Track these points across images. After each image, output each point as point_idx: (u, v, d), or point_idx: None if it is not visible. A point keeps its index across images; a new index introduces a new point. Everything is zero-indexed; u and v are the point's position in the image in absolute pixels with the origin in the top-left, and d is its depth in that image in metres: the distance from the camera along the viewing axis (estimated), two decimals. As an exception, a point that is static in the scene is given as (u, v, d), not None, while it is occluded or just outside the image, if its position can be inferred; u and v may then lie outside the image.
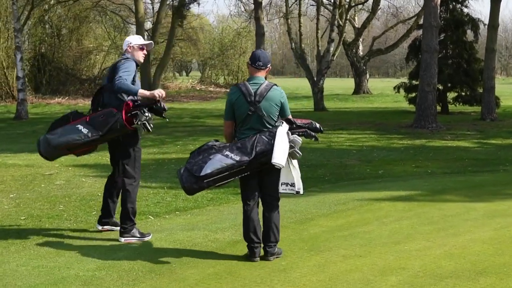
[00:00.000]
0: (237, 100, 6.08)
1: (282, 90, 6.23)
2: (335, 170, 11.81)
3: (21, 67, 24.24)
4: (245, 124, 6.11)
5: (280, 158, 5.88)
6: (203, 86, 49.17)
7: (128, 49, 7.09)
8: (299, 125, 6.28)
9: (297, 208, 8.41)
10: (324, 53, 27.11)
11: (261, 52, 6.28)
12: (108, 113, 6.65)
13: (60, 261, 6.06)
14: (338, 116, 24.53)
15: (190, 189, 5.96)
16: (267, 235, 6.20)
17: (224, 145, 6.06)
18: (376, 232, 7.12)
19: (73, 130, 6.67)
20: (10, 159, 13.21)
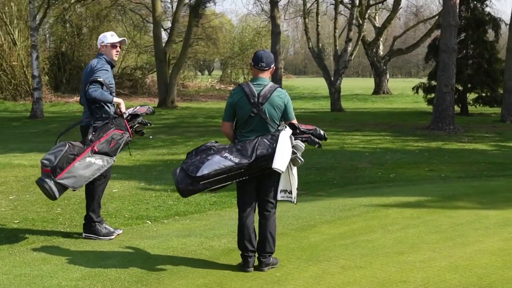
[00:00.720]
0: (239, 100, 5.79)
1: (286, 92, 5.95)
2: (344, 174, 11.47)
3: (36, 65, 24.18)
4: (246, 126, 5.82)
5: (281, 164, 5.58)
6: (222, 85, 49.09)
7: (101, 48, 6.99)
8: (303, 130, 5.98)
9: (300, 214, 8.11)
10: (342, 52, 26.72)
11: (264, 52, 5.98)
12: (116, 136, 6.66)
13: (44, 269, 5.82)
14: (355, 117, 24.14)
15: (184, 191, 5.65)
16: (262, 245, 5.91)
17: (223, 147, 5.77)
18: (380, 241, 6.80)
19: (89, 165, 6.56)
20: (17, 159, 13.05)
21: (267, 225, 5.91)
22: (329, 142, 15.90)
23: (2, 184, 10.32)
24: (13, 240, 6.83)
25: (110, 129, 6.69)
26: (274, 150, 5.60)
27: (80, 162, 6.49)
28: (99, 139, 6.63)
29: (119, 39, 7.08)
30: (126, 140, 6.81)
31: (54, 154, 6.50)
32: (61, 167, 6.41)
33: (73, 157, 6.48)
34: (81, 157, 6.51)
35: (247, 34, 51.56)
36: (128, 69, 43.15)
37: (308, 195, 9.62)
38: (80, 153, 6.53)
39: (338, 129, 19.42)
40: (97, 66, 6.85)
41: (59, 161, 6.41)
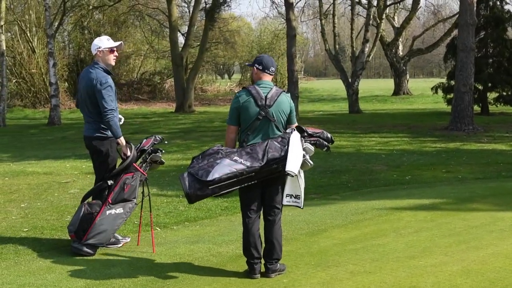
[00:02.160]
0: (245, 103, 5.69)
1: (290, 96, 5.91)
2: (359, 176, 11.32)
3: (54, 73, 24.28)
4: (252, 129, 5.72)
5: (294, 166, 5.47)
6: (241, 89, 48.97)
7: (98, 53, 6.80)
8: (311, 133, 5.88)
9: (312, 218, 8.00)
10: (359, 54, 26.54)
11: (270, 57, 5.92)
12: (128, 180, 6.67)
13: (49, 278, 5.75)
14: (373, 119, 23.97)
15: (193, 196, 5.49)
16: (269, 252, 5.80)
17: (231, 150, 5.66)
18: (391, 245, 6.66)
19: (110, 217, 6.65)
20: (31, 167, 13.06)
21: (272, 231, 5.80)
22: (345, 145, 15.80)
23: (15, 192, 10.32)
24: (20, 249, 6.77)
25: (120, 177, 6.66)
26: (286, 153, 5.49)
27: (101, 218, 6.54)
28: (112, 190, 6.62)
29: (117, 43, 6.91)
30: (140, 179, 6.77)
31: (74, 219, 6.64)
32: (84, 229, 6.50)
33: (91, 216, 6.54)
34: (100, 213, 6.55)
35: (265, 37, 51.52)
36: (147, 74, 43.31)
37: (321, 199, 9.50)
38: (99, 210, 6.57)
39: (355, 131, 19.27)
40: (101, 81, 6.61)
41: (80, 224, 6.53)
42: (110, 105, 6.61)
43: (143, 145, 6.87)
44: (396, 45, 38.38)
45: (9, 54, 33.30)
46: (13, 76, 33.77)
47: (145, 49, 43.18)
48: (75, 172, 12.06)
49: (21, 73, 33.58)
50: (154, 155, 6.89)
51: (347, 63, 38.53)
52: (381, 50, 40.96)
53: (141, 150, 6.85)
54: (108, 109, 6.60)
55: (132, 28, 43.36)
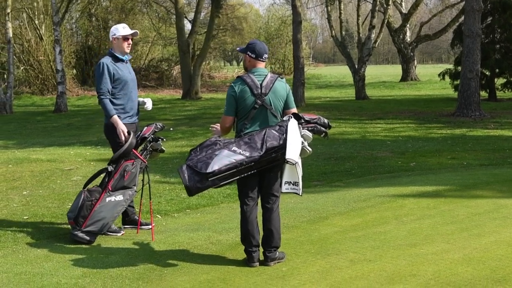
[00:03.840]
0: (241, 92, 5.62)
1: (285, 81, 5.82)
2: (364, 163, 11.26)
3: (60, 60, 24.27)
4: (249, 118, 5.65)
5: (293, 154, 5.39)
6: (248, 76, 48.82)
7: (113, 40, 6.96)
8: (307, 120, 5.80)
9: (313, 205, 7.95)
10: (365, 40, 26.38)
11: (262, 43, 5.82)
12: (127, 167, 6.68)
13: (46, 266, 5.73)
14: (379, 105, 23.85)
15: (192, 189, 5.42)
16: (267, 240, 5.75)
17: (229, 141, 5.59)
18: (392, 233, 6.60)
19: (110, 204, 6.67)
20: (35, 154, 13.04)
21: (270, 219, 5.75)
22: (350, 131, 15.73)
23: (17, 179, 10.31)
24: (19, 236, 6.76)
25: (120, 164, 6.64)
26: (285, 141, 5.43)
27: (101, 205, 6.52)
28: (112, 177, 6.58)
29: (131, 32, 6.99)
30: (141, 166, 6.75)
31: (74, 205, 6.61)
32: (83, 216, 6.47)
33: (91, 202, 6.52)
34: (100, 200, 6.53)
35: (273, 24, 51.34)
36: (154, 61, 43.23)
37: (324, 186, 9.46)
38: (99, 197, 6.55)
39: (361, 118, 19.17)
40: (97, 64, 6.89)
41: (79, 211, 6.50)
42: (99, 87, 6.79)
43: (144, 133, 6.82)
44: (404, 31, 38.13)
45: (17, 42, 33.34)
46: (21, 63, 33.80)
47: (153, 36, 43.07)
48: (78, 159, 12.04)
49: (29, 60, 33.59)
50: (155, 144, 6.85)
51: (355, 50, 38.30)
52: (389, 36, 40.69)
53: (141, 138, 6.80)
54: (97, 90, 6.81)
55: (139, 15, 43.24)
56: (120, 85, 6.86)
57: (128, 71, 7.00)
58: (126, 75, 6.92)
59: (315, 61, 79.71)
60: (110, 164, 6.70)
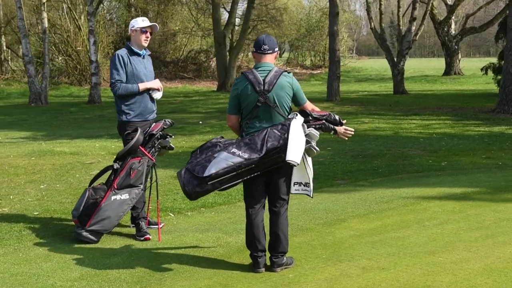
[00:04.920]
0: (244, 89, 5.32)
1: (292, 76, 5.47)
2: (392, 161, 10.83)
3: (94, 50, 24.28)
4: (253, 116, 5.34)
5: (295, 155, 5.08)
6: (288, 68, 48.46)
7: (131, 32, 6.78)
8: (316, 117, 5.47)
9: (333, 206, 7.61)
10: (406, 32, 25.76)
11: (266, 36, 5.50)
12: (134, 165, 6.42)
13: (44, 267, 5.52)
14: (417, 100, 23.25)
15: (192, 193, 5.14)
16: (274, 245, 5.44)
17: (230, 142, 5.29)
18: (411, 239, 6.22)
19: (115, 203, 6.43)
20: (60, 146, 12.94)
21: (278, 223, 5.44)
22: (383, 127, 15.28)
23: (38, 172, 10.18)
24: (24, 234, 6.58)
25: (126, 161, 6.40)
26: (286, 141, 5.11)
27: (106, 203, 6.30)
28: (118, 175, 6.35)
29: (149, 24, 6.75)
30: (148, 164, 6.49)
31: (78, 203, 6.41)
32: (87, 214, 6.26)
33: (96, 200, 6.31)
34: (105, 198, 6.31)
35: (314, 15, 50.75)
36: (193, 53, 43.10)
37: (348, 185, 9.10)
38: (104, 195, 6.33)
39: (396, 113, 18.66)
40: (110, 66, 6.75)
41: (83, 209, 6.30)
42: (111, 77, 6.61)
43: (152, 129, 6.56)
44: (449, 24, 37.24)
45: (57, 31, 33.55)
46: (60, 53, 34.01)
47: (191, 27, 42.95)
48: (102, 153, 11.88)
49: (67, 50, 33.76)
50: (163, 141, 6.58)
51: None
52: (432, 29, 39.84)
53: (149, 134, 6.54)
54: (111, 82, 6.63)
55: (178, 5, 43.20)
56: (132, 80, 6.63)
57: (144, 66, 6.75)
58: (140, 69, 6.68)
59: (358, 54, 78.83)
60: (116, 161, 6.46)
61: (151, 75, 6.86)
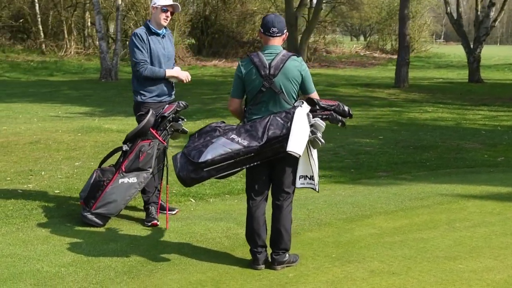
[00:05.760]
0: (248, 73, 4.96)
1: (301, 60, 5.05)
2: (444, 154, 10.20)
3: (164, 29, 24.26)
4: (256, 102, 4.99)
5: (296, 146, 4.71)
6: (367, 52, 47.48)
7: (152, 10, 6.48)
8: (324, 106, 5.06)
9: (362, 201, 7.17)
10: (483, 18, 24.59)
11: (275, 16, 5.10)
12: (144, 148, 6.18)
13: (38, 250, 5.35)
14: (492, 89, 22.14)
15: (186, 179, 4.81)
16: (275, 241, 5.11)
17: (230, 127, 4.95)
18: (435, 241, 5.74)
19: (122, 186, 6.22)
20: (110, 123, 12.92)
21: (280, 217, 5.08)
22: (445, 117, 14.57)
23: (78, 149, 10.13)
24: (33, 213, 6.44)
25: (136, 143, 6.15)
26: (288, 130, 4.74)
27: (113, 186, 6.08)
28: (127, 158, 6.12)
29: (170, 3, 6.44)
30: (159, 148, 6.23)
31: (86, 185, 6.23)
32: (93, 197, 6.06)
33: (103, 183, 6.09)
34: (112, 181, 6.09)
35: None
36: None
37: (388, 178, 8.60)
38: (111, 177, 6.11)
39: (464, 103, 17.78)
40: (130, 45, 6.46)
41: (90, 191, 6.11)
42: (135, 57, 6.33)
43: (164, 111, 6.27)
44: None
45: (133, 9, 33.83)
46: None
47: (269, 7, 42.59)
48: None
49: (143, 28, 34.01)
50: (175, 124, 6.29)
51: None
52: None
53: (161, 116, 6.26)
54: (135, 62, 6.33)
55: (257, -15, 42.89)
56: (149, 60, 6.38)
57: (163, 47, 6.47)
58: (158, 49, 6.41)
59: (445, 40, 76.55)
60: (125, 143, 6.23)
61: (170, 55, 6.58)
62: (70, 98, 19.04)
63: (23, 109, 15.98)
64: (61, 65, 29.73)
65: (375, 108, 16.13)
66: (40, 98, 18.68)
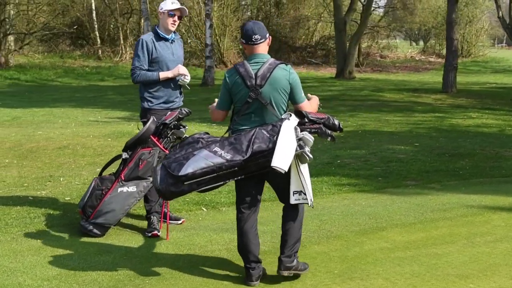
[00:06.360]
0: (234, 84, 4.72)
1: (291, 69, 4.77)
2: (480, 163, 9.68)
3: (210, 34, 24.26)
4: (243, 114, 4.73)
5: (282, 161, 4.41)
6: (423, 57, 46.56)
7: (159, 15, 6.34)
8: (312, 119, 4.75)
9: (381, 212, 6.81)
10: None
11: (253, 23, 4.82)
12: (144, 156, 6.00)
13: (26, 261, 5.19)
14: (546, 95, 21.26)
15: (166, 192, 4.54)
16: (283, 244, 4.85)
17: (213, 139, 4.68)
18: (450, 257, 5.36)
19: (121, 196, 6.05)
20: (144, 128, 12.80)
21: (290, 229, 4.85)
22: (489, 123, 13.99)
23: (104, 154, 10.04)
24: (34, 221, 6.31)
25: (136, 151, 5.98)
26: (275, 144, 4.46)
27: (111, 195, 5.91)
28: (126, 166, 5.95)
29: (177, 7, 6.26)
30: (159, 156, 6.01)
31: (85, 193, 6.08)
32: (91, 206, 5.91)
33: (102, 192, 5.92)
34: (111, 190, 5.93)
35: (454, 2, 48.28)
36: (324, 39, 42.36)
37: (416, 187, 8.18)
38: (110, 186, 5.95)
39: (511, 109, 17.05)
40: (134, 52, 6.38)
41: (88, 199, 5.95)
42: (133, 63, 6.26)
43: (165, 118, 6.07)
44: None
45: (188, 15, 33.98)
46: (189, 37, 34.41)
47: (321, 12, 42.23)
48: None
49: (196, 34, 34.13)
50: (177, 131, 6.08)
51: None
52: None
53: (163, 124, 6.06)
54: (131, 68, 6.27)
55: (311, -10, 42.58)
56: (156, 66, 6.22)
57: (171, 52, 6.30)
58: (166, 55, 6.24)
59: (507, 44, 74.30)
60: (125, 151, 6.04)
61: (179, 60, 6.40)
62: (113, 103, 19.08)
63: (64, 113, 16.05)
64: (114, 70, 30.03)
65: (416, 114, 15.61)
66: (83, 102, 18.79)
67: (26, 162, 9.54)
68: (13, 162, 9.56)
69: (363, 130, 12.69)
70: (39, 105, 17.67)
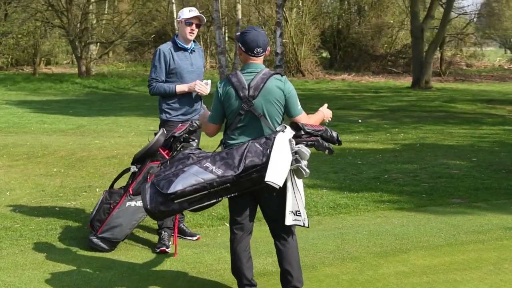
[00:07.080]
0: (226, 95, 4.49)
1: (285, 79, 4.51)
2: (539, 180, 9.07)
3: (280, 43, 24.05)
4: (235, 126, 4.50)
5: (276, 176, 4.17)
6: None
7: (178, 24, 6.23)
8: (309, 131, 4.47)
9: (410, 232, 6.44)
10: None
11: (258, 33, 4.51)
12: (153, 170, 5.82)
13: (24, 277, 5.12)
14: None
15: (156, 212, 4.34)
16: (284, 281, 4.57)
17: (205, 155, 4.46)
18: (470, 285, 4.98)
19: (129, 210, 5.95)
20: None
21: (286, 252, 4.56)
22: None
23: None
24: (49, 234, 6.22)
25: (145, 164, 5.88)
26: (268, 158, 4.22)
27: (119, 210, 5.82)
28: (135, 180, 5.85)
29: (193, 15, 6.11)
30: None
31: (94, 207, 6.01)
32: (99, 220, 5.83)
33: (110, 206, 5.84)
34: (119, 204, 5.83)
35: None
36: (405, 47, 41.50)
37: (460, 206, 7.71)
38: (119, 200, 5.86)
39: None
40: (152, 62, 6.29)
41: (96, 213, 5.88)
42: (150, 75, 6.16)
43: (175, 131, 5.91)
44: None
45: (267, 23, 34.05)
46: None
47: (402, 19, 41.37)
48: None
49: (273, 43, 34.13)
50: (186, 144, 5.89)
51: None
52: None
53: (172, 136, 5.90)
54: (148, 79, 6.21)
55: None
56: (174, 77, 6.09)
57: (190, 63, 6.16)
58: (184, 66, 6.10)
59: None
60: (134, 164, 5.93)
61: (199, 71, 6.25)
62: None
63: (127, 122, 16.23)
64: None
65: (484, 127, 14.87)
66: (149, 111, 18.93)
67: (72, 171, 9.61)
68: (60, 171, 9.65)
69: (421, 144, 12.16)
70: (106, 114, 18.00)
